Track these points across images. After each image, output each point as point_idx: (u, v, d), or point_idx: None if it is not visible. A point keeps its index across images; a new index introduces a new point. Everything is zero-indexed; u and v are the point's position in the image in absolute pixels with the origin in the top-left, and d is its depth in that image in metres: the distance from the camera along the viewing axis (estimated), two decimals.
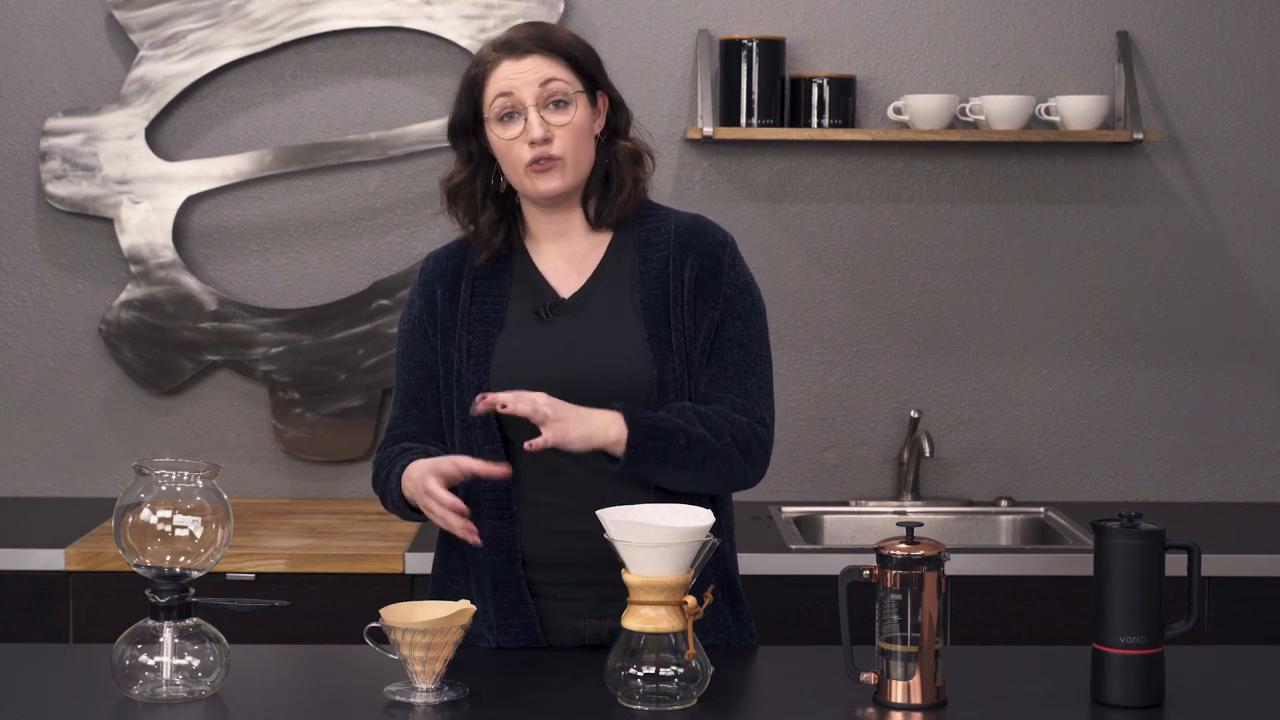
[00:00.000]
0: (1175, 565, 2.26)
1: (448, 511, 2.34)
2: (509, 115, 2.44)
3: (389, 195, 3.90)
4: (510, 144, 2.45)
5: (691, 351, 2.46)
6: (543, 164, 2.44)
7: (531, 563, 2.47)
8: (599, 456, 2.39)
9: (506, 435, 2.44)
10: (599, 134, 2.51)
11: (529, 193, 2.48)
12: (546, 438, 2.33)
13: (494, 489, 2.44)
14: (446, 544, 2.56)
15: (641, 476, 2.40)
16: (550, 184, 2.45)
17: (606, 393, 2.40)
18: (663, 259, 2.49)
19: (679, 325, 2.46)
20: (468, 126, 2.50)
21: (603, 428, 2.36)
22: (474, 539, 2.36)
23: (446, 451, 2.49)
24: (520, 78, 2.43)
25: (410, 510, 2.46)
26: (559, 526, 2.44)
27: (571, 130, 2.44)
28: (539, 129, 2.42)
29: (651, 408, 2.42)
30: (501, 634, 2.47)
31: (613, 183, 2.51)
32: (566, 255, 2.52)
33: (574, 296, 2.49)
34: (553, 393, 2.36)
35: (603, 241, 2.53)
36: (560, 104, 2.44)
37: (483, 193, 2.52)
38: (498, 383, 2.44)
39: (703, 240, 2.51)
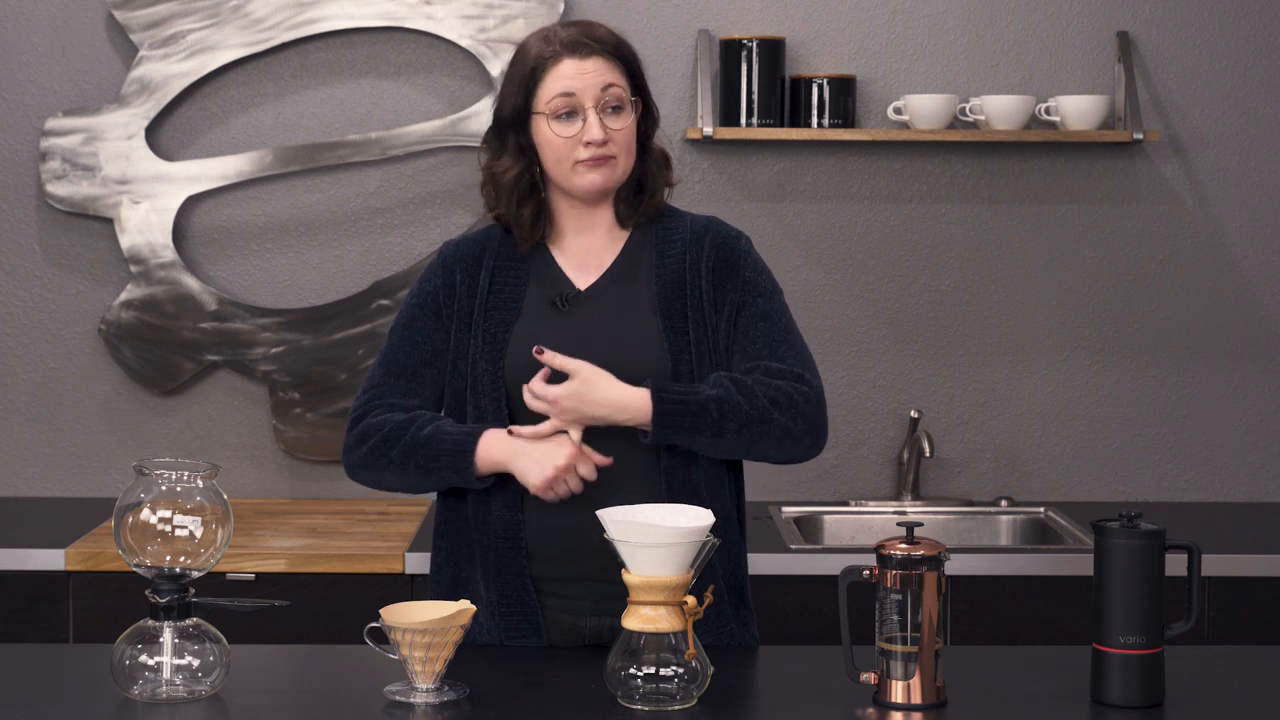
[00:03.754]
0: (1175, 565, 2.26)
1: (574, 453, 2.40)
2: (567, 114, 2.46)
3: (389, 195, 3.90)
4: (565, 141, 2.46)
5: (715, 340, 2.49)
6: (597, 160, 2.46)
7: (536, 556, 2.48)
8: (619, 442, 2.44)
9: (518, 423, 2.46)
10: None
11: (574, 187, 2.50)
12: (542, 428, 2.41)
13: (505, 478, 2.46)
14: (454, 531, 2.56)
15: (680, 447, 2.45)
16: (600, 177, 2.47)
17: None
18: (679, 254, 2.52)
19: (697, 318, 2.48)
20: (522, 118, 2.50)
21: (621, 408, 2.39)
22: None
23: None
24: (582, 79, 2.46)
25: (449, 462, 2.45)
26: (564, 522, 2.45)
27: (626, 135, 2.49)
28: (599, 131, 2.45)
29: None
30: (504, 623, 2.48)
31: (646, 184, 2.55)
32: (584, 250, 2.55)
33: (590, 289, 2.52)
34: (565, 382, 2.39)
35: (620, 239, 2.56)
36: (618, 109, 2.47)
37: (528, 185, 2.53)
38: (512, 370, 2.46)
39: (718, 234, 2.56)
